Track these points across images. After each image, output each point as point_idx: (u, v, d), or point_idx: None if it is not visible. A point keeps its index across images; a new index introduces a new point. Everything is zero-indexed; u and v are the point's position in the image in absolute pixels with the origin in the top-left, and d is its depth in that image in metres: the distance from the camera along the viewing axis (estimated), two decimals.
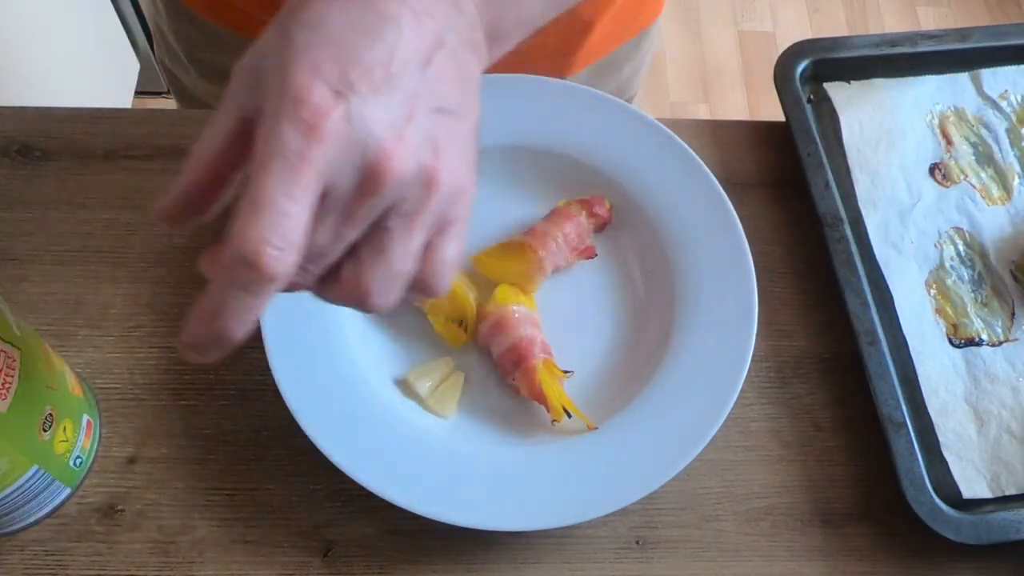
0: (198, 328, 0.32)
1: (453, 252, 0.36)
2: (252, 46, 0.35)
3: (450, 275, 0.37)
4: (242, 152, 0.33)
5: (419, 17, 0.34)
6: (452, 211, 0.36)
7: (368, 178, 0.32)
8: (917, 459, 0.48)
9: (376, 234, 0.34)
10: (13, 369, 0.40)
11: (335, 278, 0.35)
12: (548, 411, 0.48)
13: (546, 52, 0.68)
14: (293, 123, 0.30)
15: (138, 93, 1.64)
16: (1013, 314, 0.54)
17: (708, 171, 0.53)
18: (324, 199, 0.32)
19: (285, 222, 0.30)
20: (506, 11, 0.39)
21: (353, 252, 0.34)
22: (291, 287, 0.34)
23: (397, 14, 0.34)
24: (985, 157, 0.60)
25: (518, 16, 0.40)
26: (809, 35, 1.70)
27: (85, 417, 0.47)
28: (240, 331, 0.32)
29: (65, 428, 0.44)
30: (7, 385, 0.39)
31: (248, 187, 0.30)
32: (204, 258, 0.33)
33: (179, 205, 0.35)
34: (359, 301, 0.35)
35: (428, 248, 0.36)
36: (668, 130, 0.54)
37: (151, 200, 0.55)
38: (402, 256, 0.34)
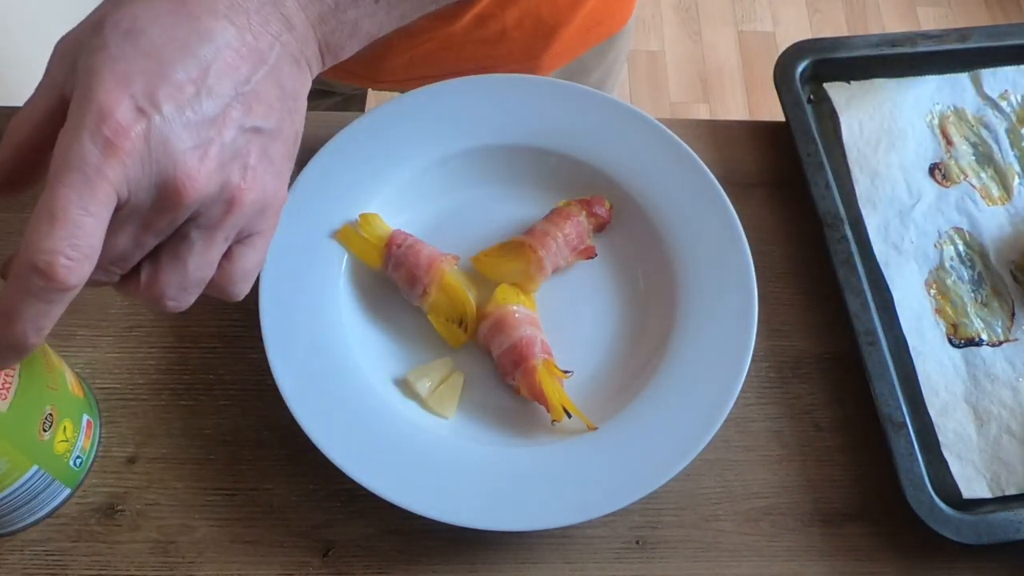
0: None
1: (252, 262, 0.37)
2: (73, 28, 0.35)
3: (247, 282, 0.38)
4: (58, 131, 0.33)
5: (242, 35, 0.34)
6: (256, 224, 0.37)
7: (165, 197, 0.33)
8: (917, 459, 0.48)
9: (176, 241, 0.35)
10: (13, 369, 0.40)
11: (134, 278, 0.35)
12: (548, 411, 0.48)
13: (511, 56, 0.69)
14: (93, 137, 0.31)
15: None
16: (1013, 314, 0.54)
17: (708, 171, 0.53)
18: (124, 207, 0.32)
19: (79, 233, 0.30)
20: (341, 26, 0.39)
21: (153, 254, 0.35)
22: (93, 284, 0.34)
23: (218, 32, 0.34)
24: (985, 157, 0.60)
25: (354, 31, 0.40)
26: (809, 35, 1.70)
27: (85, 417, 0.47)
28: (36, 338, 0.32)
29: (65, 428, 0.44)
30: (7, 385, 0.39)
31: (44, 196, 0.31)
32: (4, 265, 0.34)
33: None
34: (154, 302, 0.36)
35: (228, 256, 0.37)
36: (668, 130, 0.54)
37: None
38: (199, 264, 0.35)
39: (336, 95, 0.87)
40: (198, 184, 0.33)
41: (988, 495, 0.49)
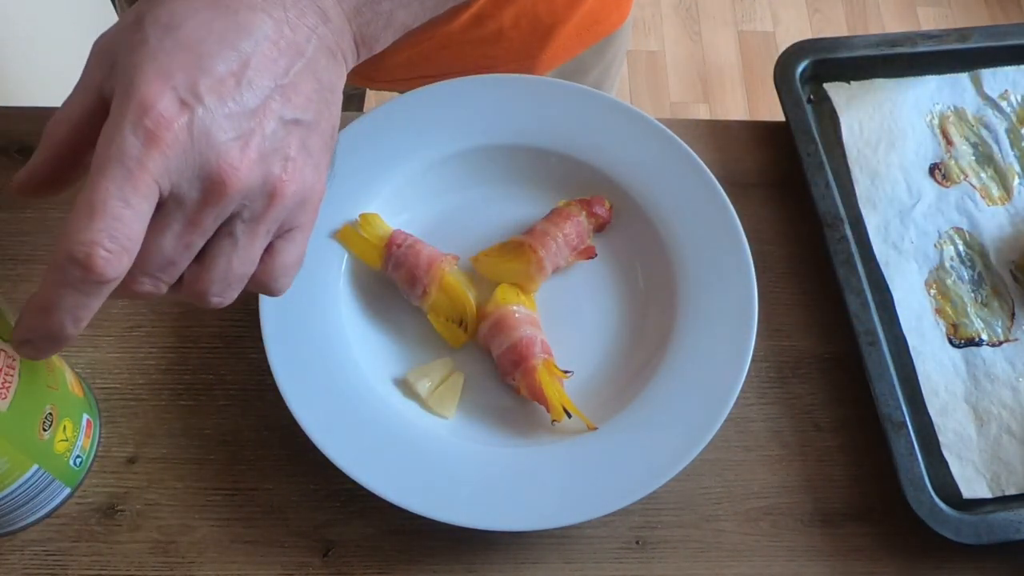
0: (32, 324, 0.33)
1: (293, 256, 0.38)
2: (111, 27, 0.35)
3: (289, 277, 0.38)
4: (97, 131, 0.33)
5: (279, 28, 0.35)
6: (296, 218, 0.37)
7: (210, 188, 0.33)
8: (917, 459, 0.48)
9: (218, 237, 0.35)
10: (13, 368, 0.40)
11: (179, 279, 0.35)
12: (548, 411, 0.48)
13: (509, 56, 0.69)
14: (135, 129, 0.31)
15: None
16: (1013, 314, 0.54)
17: (708, 171, 0.53)
18: (167, 202, 0.32)
19: (117, 225, 0.30)
20: (376, 18, 0.40)
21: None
22: (146, 296, 0.34)
23: (256, 24, 0.34)
24: (985, 157, 0.60)
25: (389, 22, 0.41)
26: (809, 35, 1.70)
27: (85, 416, 0.47)
28: (73, 329, 0.32)
29: (65, 427, 0.44)
30: (7, 384, 0.39)
31: (85, 188, 0.31)
32: None
33: (35, 179, 0.36)
34: (198, 298, 0.36)
35: (270, 251, 0.37)
36: (668, 130, 0.54)
37: None
38: (243, 260, 0.35)
39: None
40: (241, 174, 0.33)
41: (988, 495, 0.49)
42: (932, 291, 0.55)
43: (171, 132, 0.31)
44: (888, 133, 0.59)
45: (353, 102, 0.92)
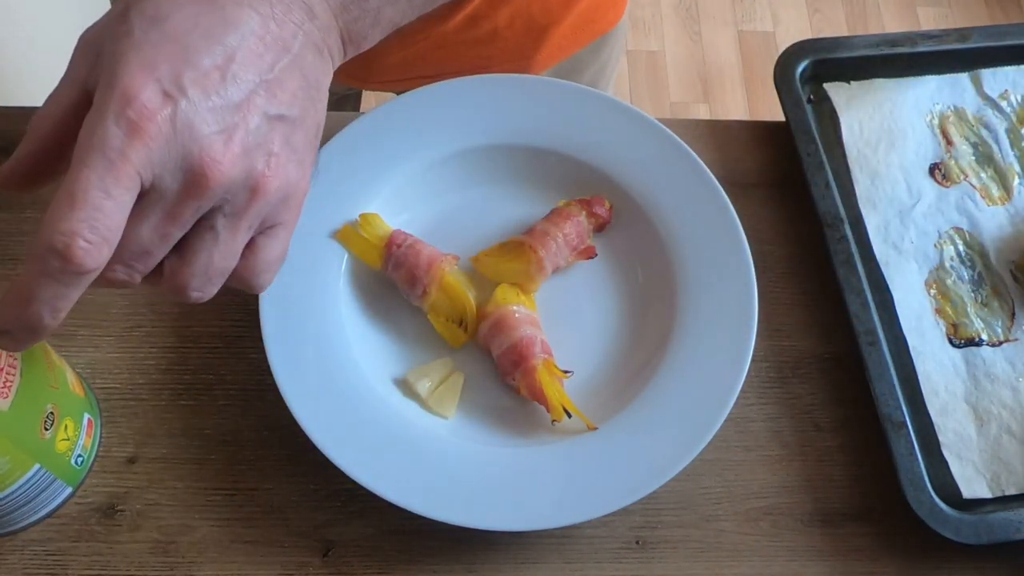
0: (10, 314, 0.32)
1: (275, 253, 0.37)
2: (97, 21, 0.35)
3: (270, 274, 0.38)
4: (81, 124, 0.33)
5: (266, 23, 0.35)
6: (279, 214, 0.37)
7: (191, 180, 0.32)
8: (917, 459, 0.48)
9: (201, 231, 0.35)
10: (14, 368, 0.40)
11: (158, 269, 0.35)
12: (548, 411, 0.48)
13: (504, 56, 0.69)
14: (118, 120, 0.31)
15: None
16: (1013, 314, 0.54)
17: (708, 171, 0.53)
18: (149, 193, 0.32)
19: (98, 216, 0.30)
20: (363, 16, 0.40)
21: (177, 245, 0.35)
22: (119, 285, 0.34)
23: (243, 19, 0.34)
24: (985, 157, 0.60)
25: (376, 19, 0.41)
26: (809, 35, 1.70)
27: (86, 416, 0.47)
28: (51, 319, 0.32)
29: (66, 427, 0.44)
30: (8, 384, 0.39)
31: (66, 178, 0.31)
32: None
33: (18, 173, 0.36)
34: (178, 292, 0.36)
35: (251, 247, 0.37)
36: (668, 130, 0.54)
37: None
38: (223, 255, 0.35)
39: (331, 95, 0.87)
40: (223, 167, 0.33)
41: (988, 495, 0.49)
42: (932, 291, 0.55)
43: (154, 123, 0.31)
44: (888, 133, 0.59)
45: (350, 102, 0.92)
